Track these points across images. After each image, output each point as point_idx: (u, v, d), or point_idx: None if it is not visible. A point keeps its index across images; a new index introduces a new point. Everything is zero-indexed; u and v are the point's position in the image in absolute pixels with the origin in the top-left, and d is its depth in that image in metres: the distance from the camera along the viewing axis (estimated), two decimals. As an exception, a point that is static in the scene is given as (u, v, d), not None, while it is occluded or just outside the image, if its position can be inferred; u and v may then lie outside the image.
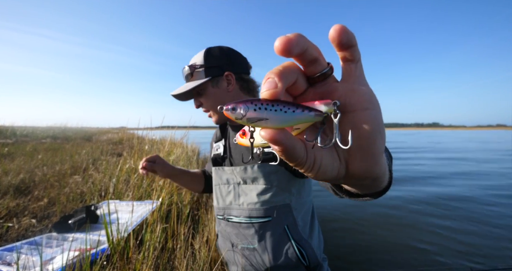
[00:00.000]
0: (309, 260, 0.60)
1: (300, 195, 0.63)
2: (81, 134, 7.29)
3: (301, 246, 0.60)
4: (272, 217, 0.60)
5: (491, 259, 1.38)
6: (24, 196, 1.62)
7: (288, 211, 0.60)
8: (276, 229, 0.60)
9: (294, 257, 0.59)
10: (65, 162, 2.62)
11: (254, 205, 0.61)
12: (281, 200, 0.60)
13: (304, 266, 0.60)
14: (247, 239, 0.62)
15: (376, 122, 0.16)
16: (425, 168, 4.66)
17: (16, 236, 1.13)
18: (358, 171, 0.17)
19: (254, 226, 0.61)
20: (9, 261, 0.84)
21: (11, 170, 2.06)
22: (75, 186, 1.78)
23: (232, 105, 0.14)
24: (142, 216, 1.11)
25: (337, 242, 1.65)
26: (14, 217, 1.29)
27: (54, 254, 0.87)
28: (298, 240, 0.60)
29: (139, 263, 0.68)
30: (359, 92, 0.16)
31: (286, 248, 0.59)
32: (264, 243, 0.60)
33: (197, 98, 0.70)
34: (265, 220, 0.60)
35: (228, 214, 0.66)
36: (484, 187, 3.16)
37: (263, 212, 0.60)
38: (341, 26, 0.15)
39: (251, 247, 0.61)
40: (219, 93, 0.67)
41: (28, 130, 6.51)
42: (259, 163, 0.61)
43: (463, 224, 1.93)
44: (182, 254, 0.72)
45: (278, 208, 0.60)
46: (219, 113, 0.69)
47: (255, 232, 0.61)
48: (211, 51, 0.67)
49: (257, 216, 0.61)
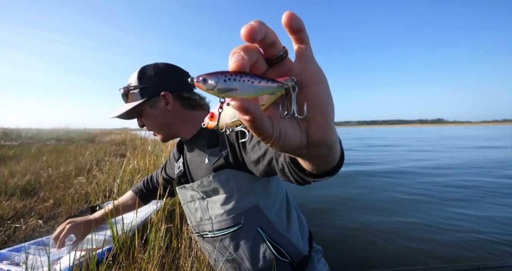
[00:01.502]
0: (290, 256, 0.59)
1: (267, 192, 0.60)
2: (84, 136, 7.37)
3: (278, 244, 0.58)
4: (242, 224, 0.58)
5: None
6: (31, 197, 1.64)
7: (257, 212, 0.58)
8: (249, 234, 0.58)
9: (272, 258, 0.57)
10: (69, 163, 2.65)
11: (222, 216, 0.59)
12: (247, 204, 0.58)
13: (288, 263, 0.59)
14: (224, 252, 0.61)
15: (326, 93, 0.19)
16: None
17: (23, 236, 1.15)
18: (316, 137, 0.20)
19: (227, 237, 0.60)
20: (17, 261, 0.86)
21: (17, 172, 2.09)
22: (80, 187, 1.80)
23: (203, 76, 0.15)
24: (146, 215, 1.12)
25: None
26: (21, 218, 1.31)
27: (61, 254, 0.88)
28: (275, 239, 0.59)
29: (144, 262, 0.69)
30: (310, 69, 0.19)
31: (263, 251, 0.58)
32: (241, 252, 0.59)
33: (139, 118, 0.68)
34: (236, 228, 0.58)
35: (202, 230, 0.66)
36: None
37: (231, 221, 0.58)
38: (291, 13, 0.17)
39: (230, 258, 0.60)
40: (158, 113, 0.64)
41: (33, 132, 6.60)
42: (213, 173, 0.59)
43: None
44: (186, 253, 0.72)
45: (245, 212, 0.58)
46: (163, 133, 0.67)
47: (229, 243, 0.60)
48: (145, 71, 0.64)
49: (226, 227, 0.59)
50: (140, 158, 2.23)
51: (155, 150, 2.81)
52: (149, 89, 0.63)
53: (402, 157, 5.87)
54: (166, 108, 0.64)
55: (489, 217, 2.01)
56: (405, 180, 3.42)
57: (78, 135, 7.35)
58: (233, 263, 0.60)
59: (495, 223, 1.86)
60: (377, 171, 4.02)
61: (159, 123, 0.66)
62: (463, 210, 2.22)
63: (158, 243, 0.74)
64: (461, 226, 1.85)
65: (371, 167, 4.48)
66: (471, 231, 1.73)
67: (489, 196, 2.61)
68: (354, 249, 1.53)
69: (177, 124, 0.67)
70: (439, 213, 2.15)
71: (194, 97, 0.68)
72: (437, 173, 3.80)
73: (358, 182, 3.34)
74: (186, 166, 0.70)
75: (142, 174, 1.81)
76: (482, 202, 2.43)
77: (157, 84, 0.63)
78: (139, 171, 1.89)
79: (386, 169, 4.17)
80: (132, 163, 2.10)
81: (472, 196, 2.62)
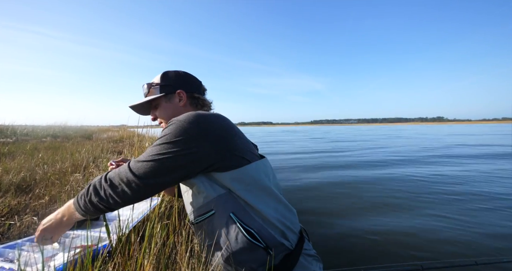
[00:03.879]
0: (264, 241, 0.60)
1: (234, 184, 0.63)
2: (81, 132, 7.29)
3: (252, 228, 0.61)
4: (214, 209, 0.63)
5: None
6: (25, 194, 1.62)
7: (229, 197, 0.62)
8: (222, 218, 0.62)
9: (245, 241, 0.60)
10: (65, 160, 2.62)
11: (197, 204, 0.66)
12: (215, 193, 0.63)
13: (261, 247, 0.60)
14: (206, 237, 0.66)
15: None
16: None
17: (18, 233, 1.13)
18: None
19: (204, 222, 0.65)
20: (11, 258, 0.84)
21: (12, 169, 2.06)
22: (76, 184, 1.79)
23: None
24: (143, 212, 1.11)
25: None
26: (16, 215, 1.29)
27: (56, 251, 0.87)
28: (248, 224, 0.61)
29: (140, 258, 0.68)
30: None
31: (235, 234, 0.60)
32: (216, 236, 0.63)
33: (153, 111, 0.82)
34: (210, 214, 0.63)
35: (191, 218, 0.71)
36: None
37: (204, 207, 0.64)
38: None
39: (209, 243, 0.64)
40: (172, 107, 0.79)
41: (28, 129, 6.50)
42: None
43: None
44: (184, 250, 0.72)
45: (216, 199, 0.63)
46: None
47: (207, 228, 0.65)
48: (167, 73, 0.80)
49: (202, 213, 0.65)
50: (137, 154, 2.21)
51: (153, 147, 2.78)
52: (168, 87, 0.78)
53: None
54: (178, 104, 0.79)
55: (486, 213, 2.04)
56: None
57: (75, 132, 7.26)
58: (211, 247, 0.64)
59: (491, 218, 1.89)
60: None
61: (169, 115, 0.78)
62: (456, 208, 2.24)
63: (155, 239, 0.73)
64: (458, 222, 1.87)
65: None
66: (468, 227, 1.75)
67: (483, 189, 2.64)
68: (349, 246, 1.54)
69: None
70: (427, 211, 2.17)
71: (203, 98, 0.84)
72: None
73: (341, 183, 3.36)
74: None
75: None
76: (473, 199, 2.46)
77: (175, 83, 0.79)
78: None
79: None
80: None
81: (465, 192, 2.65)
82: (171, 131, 0.59)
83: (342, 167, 4.39)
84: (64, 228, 0.68)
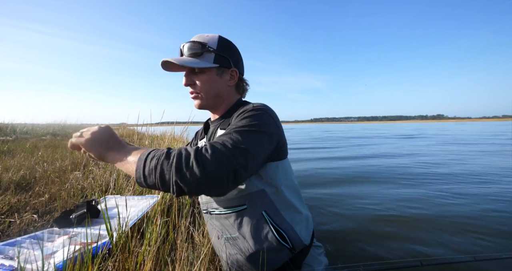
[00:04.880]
0: (292, 243, 0.61)
1: (275, 179, 0.62)
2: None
3: (282, 229, 0.61)
4: (247, 205, 0.61)
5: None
6: (25, 192, 1.62)
7: (263, 196, 0.61)
8: (253, 215, 0.61)
9: (274, 241, 0.60)
10: (65, 158, 2.62)
11: (230, 195, 0.63)
12: (254, 187, 0.61)
13: (288, 248, 0.61)
14: (228, 229, 0.64)
15: (86, 145, 0.52)
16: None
17: (18, 231, 1.13)
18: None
19: (232, 215, 0.63)
20: (11, 255, 0.85)
21: (11, 167, 2.06)
22: (76, 182, 1.79)
23: None
24: (143, 210, 1.11)
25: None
26: (16, 213, 1.29)
27: (56, 248, 0.87)
28: (279, 224, 0.61)
29: (140, 255, 0.68)
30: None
31: (265, 232, 0.60)
32: (244, 231, 0.62)
33: (193, 76, 0.66)
34: (241, 208, 0.62)
35: (210, 207, 0.69)
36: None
37: (237, 201, 0.62)
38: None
39: (233, 236, 0.63)
40: (219, 83, 0.68)
41: (28, 127, 6.49)
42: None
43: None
44: (183, 247, 0.72)
45: (251, 195, 0.61)
46: (209, 100, 0.69)
47: (233, 221, 0.63)
48: (224, 41, 0.67)
49: (232, 206, 0.63)
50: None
51: (153, 145, 2.79)
52: (224, 60, 0.67)
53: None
54: (228, 82, 0.69)
55: (486, 208, 2.03)
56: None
57: (75, 130, 7.22)
58: (235, 240, 0.63)
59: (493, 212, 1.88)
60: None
61: (214, 90, 0.68)
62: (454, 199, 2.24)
63: (155, 237, 0.74)
64: (456, 217, 1.87)
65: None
66: (467, 222, 1.76)
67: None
68: (352, 242, 1.54)
69: (224, 99, 0.71)
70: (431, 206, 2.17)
71: (247, 83, 0.77)
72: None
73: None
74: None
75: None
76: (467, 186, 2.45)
77: (232, 58, 0.69)
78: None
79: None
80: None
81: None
82: (253, 115, 0.56)
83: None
84: (106, 160, 0.53)
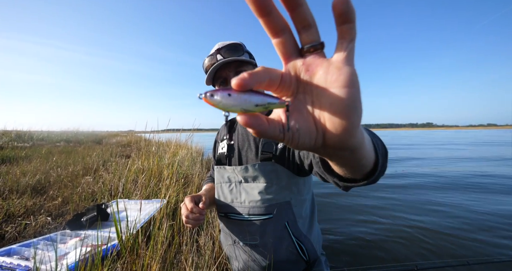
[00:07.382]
0: (308, 255, 0.62)
1: (300, 192, 0.64)
2: (92, 137, 7.54)
3: (300, 242, 0.61)
4: (273, 214, 0.61)
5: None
6: (40, 195, 1.70)
7: (288, 208, 0.62)
8: (277, 225, 0.61)
9: (294, 253, 0.61)
10: (77, 163, 2.72)
11: (256, 203, 0.62)
12: (281, 198, 0.61)
13: (304, 261, 0.62)
14: (248, 235, 0.63)
15: (352, 99, 0.17)
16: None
17: (33, 233, 1.19)
18: (332, 140, 0.19)
19: (255, 223, 0.62)
20: (27, 256, 0.89)
21: (28, 171, 2.17)
22: (87, 186, 1.85)
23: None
24: (150, 213, 1.15)
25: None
26: (31, 215, 1.35)
27: (68, 250, 0.91)
28: (298, 236, 0.62)
29: (147, 257, 0.70)
30: (342, 70, 0.17)
31: (287, 244, 0.61)
32: (266, 240, 0.61)
33: (240, 70, 0.68)
34: (266, 217, 0.61)
35: (229, 211, 0.68)
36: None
37: (264, 209, 0.61)
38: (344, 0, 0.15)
39: (253, 243, 0.63)
40: None
41: (44, 134, 6.80)
42: (259, 162, 0.62)
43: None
44: (188, 250, 0.74)
45: (278, 205, 0.61)
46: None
47: (256, 229, 0.62)
48: (246, 48, 0.71)
49: (258, 214, 0.62)
50: (144, 158, 2.28)
51: (159, 151, 2.86)
52: (253, 59, 0.71)
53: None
54: None
55: (478, 211, 1.95)
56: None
57: (86, 137, 7.53)
58: (255, 248, 0.63)
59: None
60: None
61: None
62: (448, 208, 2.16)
63: (161, 240, 0.76)
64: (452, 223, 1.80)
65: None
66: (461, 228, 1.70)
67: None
68: (351, 247, 1.52)
69: None
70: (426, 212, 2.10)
71: None
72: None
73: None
74: (237, 146, 0.71)
75: (146, 173, 1.84)
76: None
77: (253, 59, 0.72)
78: (143, 171, 1.93)
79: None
80: (136, 164, 2.14)
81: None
82: None
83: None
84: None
